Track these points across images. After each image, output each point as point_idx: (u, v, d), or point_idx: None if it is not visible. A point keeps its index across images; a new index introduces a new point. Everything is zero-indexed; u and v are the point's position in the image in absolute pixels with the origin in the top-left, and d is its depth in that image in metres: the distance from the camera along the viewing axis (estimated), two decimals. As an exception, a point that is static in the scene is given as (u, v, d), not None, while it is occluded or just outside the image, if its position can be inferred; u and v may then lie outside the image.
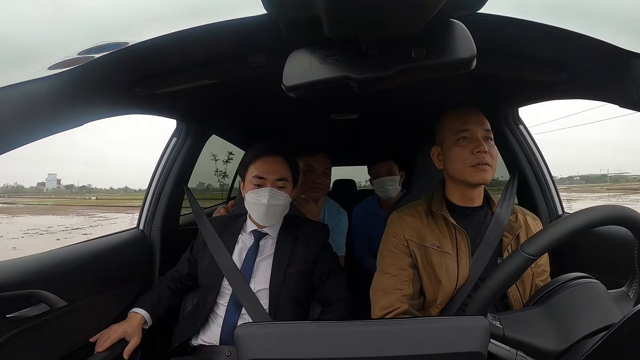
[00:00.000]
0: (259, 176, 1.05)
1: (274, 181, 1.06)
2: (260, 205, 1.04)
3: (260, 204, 1.04)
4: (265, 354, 0.47)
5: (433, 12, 0.46)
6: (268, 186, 1.05)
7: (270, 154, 1.09)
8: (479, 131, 0.86)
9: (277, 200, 1.05)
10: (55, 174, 38.70)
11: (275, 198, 1.05)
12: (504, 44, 0.70)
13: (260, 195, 1.04)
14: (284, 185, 1.07)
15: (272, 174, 1.06)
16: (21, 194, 33.86)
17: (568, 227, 0.54)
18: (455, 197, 0.91)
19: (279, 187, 1.06)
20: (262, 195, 1.04)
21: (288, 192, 1.08)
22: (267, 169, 1.06)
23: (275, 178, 1.06)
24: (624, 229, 0.55)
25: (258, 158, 1.08)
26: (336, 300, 1.10)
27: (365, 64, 0.54)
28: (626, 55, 0.60)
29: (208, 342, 1.03)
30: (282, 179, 1.07)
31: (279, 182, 1.06)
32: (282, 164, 1.08)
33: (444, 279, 0.84)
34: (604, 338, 0.45)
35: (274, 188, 1.05)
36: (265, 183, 1.05)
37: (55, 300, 0.84)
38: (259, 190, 1.05)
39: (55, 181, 41.96)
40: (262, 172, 1.06)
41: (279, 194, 1.06)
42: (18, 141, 0.55)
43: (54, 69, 0.57)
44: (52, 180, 36.52)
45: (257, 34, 0.65)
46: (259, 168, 1.06)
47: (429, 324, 0.50)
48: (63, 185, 55.91)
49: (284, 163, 1.09)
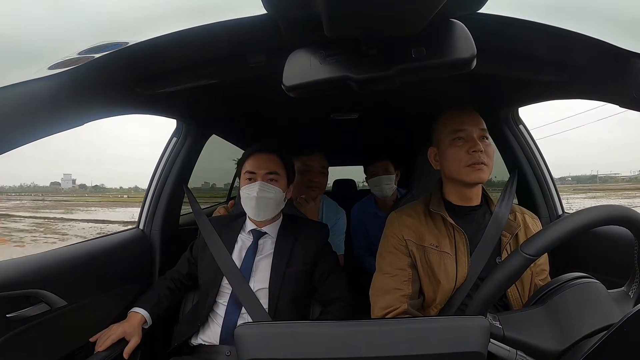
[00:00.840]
0: (250, 171, 1.09)
1: (264, 175, 1.08)
2: (250, 198, 1.06)
3: (251, 197, 1.06)
4: (265, 354, 0.47)
5: (433, 12, 0.45)
6: (258, 180, 1.07)
7: (263, 151, 1.12)
8: (475, 131, 0.86)
9: (267, 193, 1.07)
10: (70, 174, 40.05)
11: (265, 191, 1.06)
12: (504, 44, 0.70)
13: (251, 189, 1.06)
14: (275, 178, 1.09)
15: (262, 169, 1.08)
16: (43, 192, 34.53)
17: (568, 227, 0.54)
18: (453, 197, 0.92)
19: (270, 179, 1.08)
20: (252, 189, 1.06)
21: (280, 186, 1.09)
22: (257, 165, 1.09)
23: (265, 172, 1.08)
24: (624, 229, 0.55)
25: (251, 155, 1.11)
26: (336, 300, 1.10)
27: (365, 64, 0.54)
28: (626, 55, 0.60)
29: (208, 341, 1.03)
30: (272, 172, 1.09)
31: (269, 175, 1.09)
32: (272, 160, 1.11)
33: (443, 279, 0.84)
34: (604, 338, 0.46)
35: (264, 182, 1.07)
36: (255, 177, 1.08)
37: (55, 300, 0.84)
38: (250, 185, 1.07)
39: (70, 181, 42.68)
40: (253, 167, 1.09)
41: (269, 187, 1.07)
42: (18, 141, 0.55)
43: (54, 69, 0.57)
44: (67, 180, 37.26)
45: (257, 33, 0.65)
46: (251, 164, 1.10)
47: (429, 324, 0.50)
48: (77, 185, 56.35)
49: (275, 159, 1.11)
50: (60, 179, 38.82)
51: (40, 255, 0.90)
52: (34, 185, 40.74)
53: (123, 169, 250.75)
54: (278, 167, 1.10)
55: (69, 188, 31.70)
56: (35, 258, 0.88)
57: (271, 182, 1.08)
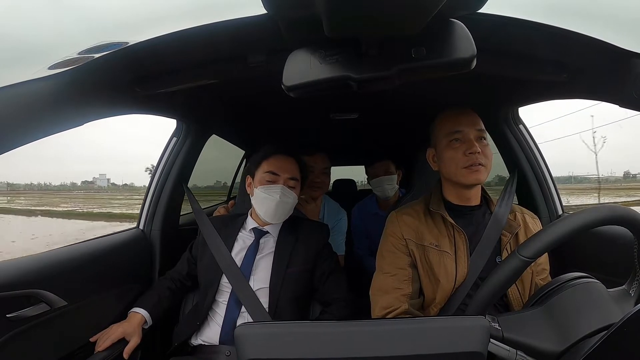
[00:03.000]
0: (273, 172, 1.07)
1: (287, 179, 1.08)
2: (271, 200, 1.05)
3: (272, 199, 1.05)
4: (265, 354, 0.47)
5: (433, 12, 0.45)
6: (280, 183, 1.06)
7: (285, 153, 1.11)
8: (471, 132, 0.86)
9: (288, 198, 1.07)
10: (105, 174, 42.28)
11: (286, 196, 1.06)
12: (504, 44, 0.70)
13: (273, 190, 1.05)
14: (295, 185, 1.09)
15: (286, 172, 1.08)
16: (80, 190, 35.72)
17: (566, 228, 0.53)
18: (452, 197, 0.92)
19: (290, 186, 1.08)
20: (274, 191, 1.05)
21: (297, 192, 1.10)
22: (281, 167, 1.08)
23: (288, 177, 1.08)
24: (624, 229, 0.55)
25: (272, 155, 1.10)
26: (336, 300, 1.10)
27: (365, 64, 0.54)
28: (626, 55, 0.60)
29: (208, 341, 1.03)
30: (293, 178, 1.09)
31: (291, 181, 1.08)
32: (294, 164, 1.11)
33: (443, 278, 0.84)
34: (604, 338, 0.45)
35: (286, 186, 1.07)
36: (278, 180, 1.07)
37: (55, 300, 0.84)
38: (272, 186, 1.06)
39: (105, 180, 44.09)
40: (276, 169, 1.07)
41: (289, 192, 1.07)
42: (18, 141, 0.55)
43: (54, 69, 0.57)
44: (103, 179, 38.84)
45: (257, 33, 0.65)
46: (273, 164, 1.08)
47: (429, 324, 0.50)
48: (111, 184, 57.24)
49: (295, 163, 1.11)
50: (95, 178, 40.17)
51: (40, 255, 0.90)
52: (72, 184, 42.36)
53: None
54: (297, 172, 1.11)
55: (104, 186, 33.14)
56: (35, 258, 0.88)
57: (291, 188, 1.08)
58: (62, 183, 42.72)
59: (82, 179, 60.61)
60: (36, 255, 0.90)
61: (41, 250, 0.93)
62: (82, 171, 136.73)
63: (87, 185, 38.53)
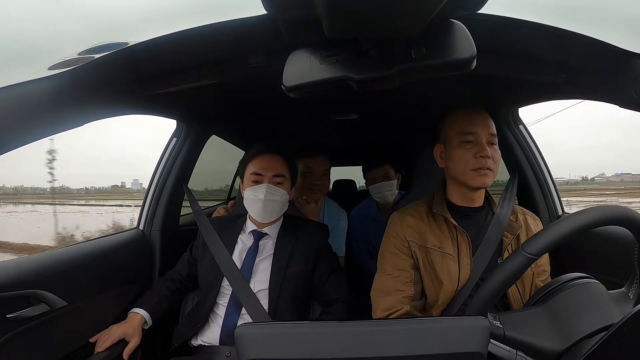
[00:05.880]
0: (257, 173, 1.08)
1: (271, 177, 1.07)
2: (257, 200, 1.06)
3: (258, 199, 1.05)
4: (265, 354, 0.47)
5: (433, 12, 0.46)
6: (265, 182, 1.06)
7: (268, 152, 1.11)
8: (484, 135, 0.85)
9: (274, 196, 1.06)
10: (138, 179, 43.97)
11: (272, 194, 1.06)
12: (504, 44, 0.70)
13: (258, 191, 1.06)
14: (281, 181, 1.09)
15: (270, 171, 1.08)
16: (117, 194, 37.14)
17: (569, 227, 0.53)
18: (455, 198, 0.91)
19: (276, 183, 1.08)
20: (259, 191, 1.05)
21: (285, 189, 1.09)
22: (264, 166, 1.08)
23: (272, 174, 1.08)
24: (624, 229, 0.55)
25: (256, 156, 1.10)
26: (336, 301, 1.09)
27: (365, 64, 0.54)
28: (626, 55, 0.60)
29: (208, 342, 1.03)
30: (279, 175, 1.08)
31: (276, 178, 1.08)
32: (279, 162, 1.10)
33: (446, 280, 0.84)
34: (604, 338, 0.45)
35: (271, 184, 1.06)
36: (262, 179, 1.07)
37: (55, 300, 0.84)
38: (257, 187, 1.06)
39: (139, 184, 46.19)
40: (260, 169, 1.08)
41: (276, 190, 1.07)
42: (18, 141, 0.55)
43: (54, 69, 0.57)
44: (136, 184, 41.14)
45: (257, 34, 0.65)
46: (257, 165, 1.09)
47: (429, 324, 0.50)
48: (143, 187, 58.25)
49: (281, 161, 1.10)
50: (131, 183, 42.49)
51: (40, 256, 0.90)
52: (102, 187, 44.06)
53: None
54: (284, 169, 1.10)
55: (137, 190, 34.75)
56: (35, 258, 0.88)
57: (277, 184, 1.08)
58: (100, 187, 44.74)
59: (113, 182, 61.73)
60: (36, 255, 0.90)
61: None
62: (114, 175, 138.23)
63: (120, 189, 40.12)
